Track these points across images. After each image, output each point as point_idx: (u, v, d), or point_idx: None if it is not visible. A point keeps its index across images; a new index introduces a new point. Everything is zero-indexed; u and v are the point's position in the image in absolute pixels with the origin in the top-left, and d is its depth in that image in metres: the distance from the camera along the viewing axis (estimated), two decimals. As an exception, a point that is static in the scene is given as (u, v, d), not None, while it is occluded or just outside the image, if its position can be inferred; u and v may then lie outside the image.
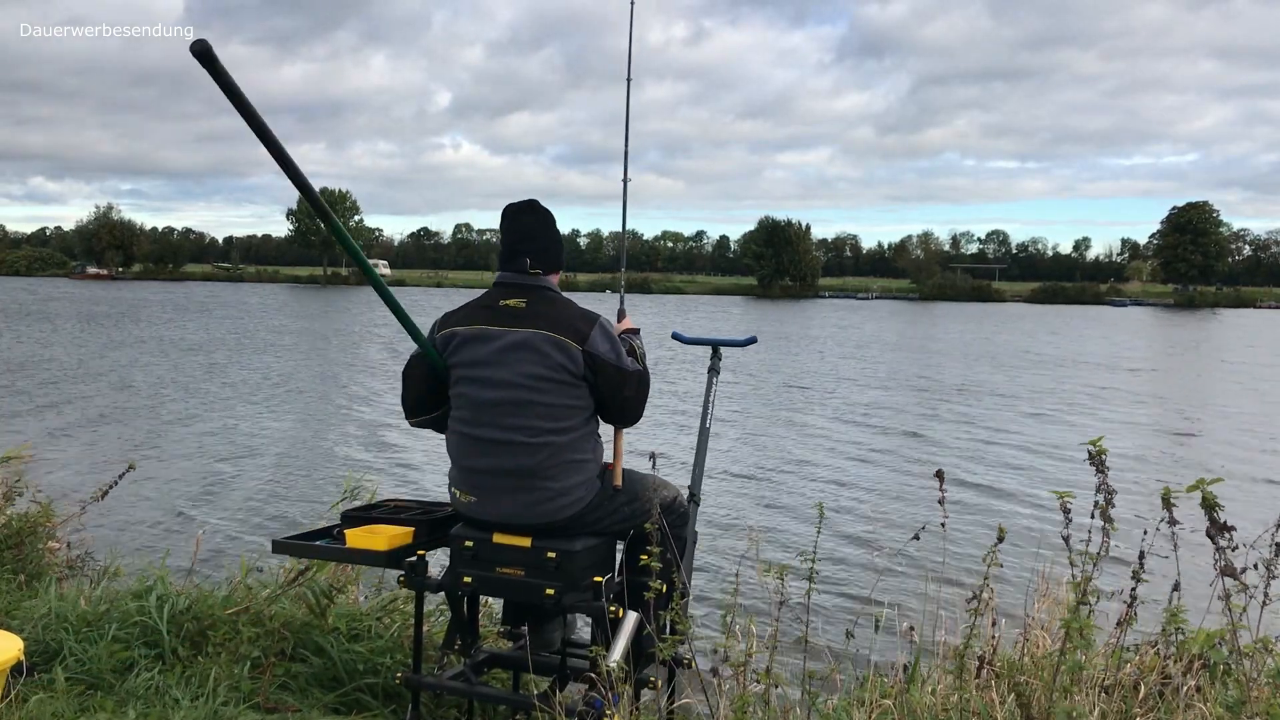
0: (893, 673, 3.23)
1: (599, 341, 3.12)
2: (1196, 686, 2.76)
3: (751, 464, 14.01)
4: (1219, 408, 22.03)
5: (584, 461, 3.17)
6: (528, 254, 3.22)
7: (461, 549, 3.20)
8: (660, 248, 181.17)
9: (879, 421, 18.68)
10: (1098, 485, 2.50)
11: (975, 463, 14.31)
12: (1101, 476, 2.50)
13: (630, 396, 3.18)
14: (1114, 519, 2.52)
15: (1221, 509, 2.47)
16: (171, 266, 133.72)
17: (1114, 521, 2.50)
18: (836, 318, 66.72)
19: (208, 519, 10.18)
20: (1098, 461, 2.51)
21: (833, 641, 3.40)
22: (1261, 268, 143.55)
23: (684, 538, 3.41)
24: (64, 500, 6.18)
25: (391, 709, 3.72)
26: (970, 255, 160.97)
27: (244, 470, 12.97)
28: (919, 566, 7.63)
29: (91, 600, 4.13)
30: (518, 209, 3.31)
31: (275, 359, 29.11)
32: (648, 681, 3.22)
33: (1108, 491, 2.48)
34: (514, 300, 3.18)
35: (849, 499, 11.89)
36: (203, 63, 2.34)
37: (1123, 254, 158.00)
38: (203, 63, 2.34)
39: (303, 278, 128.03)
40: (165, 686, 3.52)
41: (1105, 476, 2.50)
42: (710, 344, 3.97)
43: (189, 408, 18.64)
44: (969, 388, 24.90)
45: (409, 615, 4.10)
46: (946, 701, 2.74)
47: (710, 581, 7.56)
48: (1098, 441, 2.53)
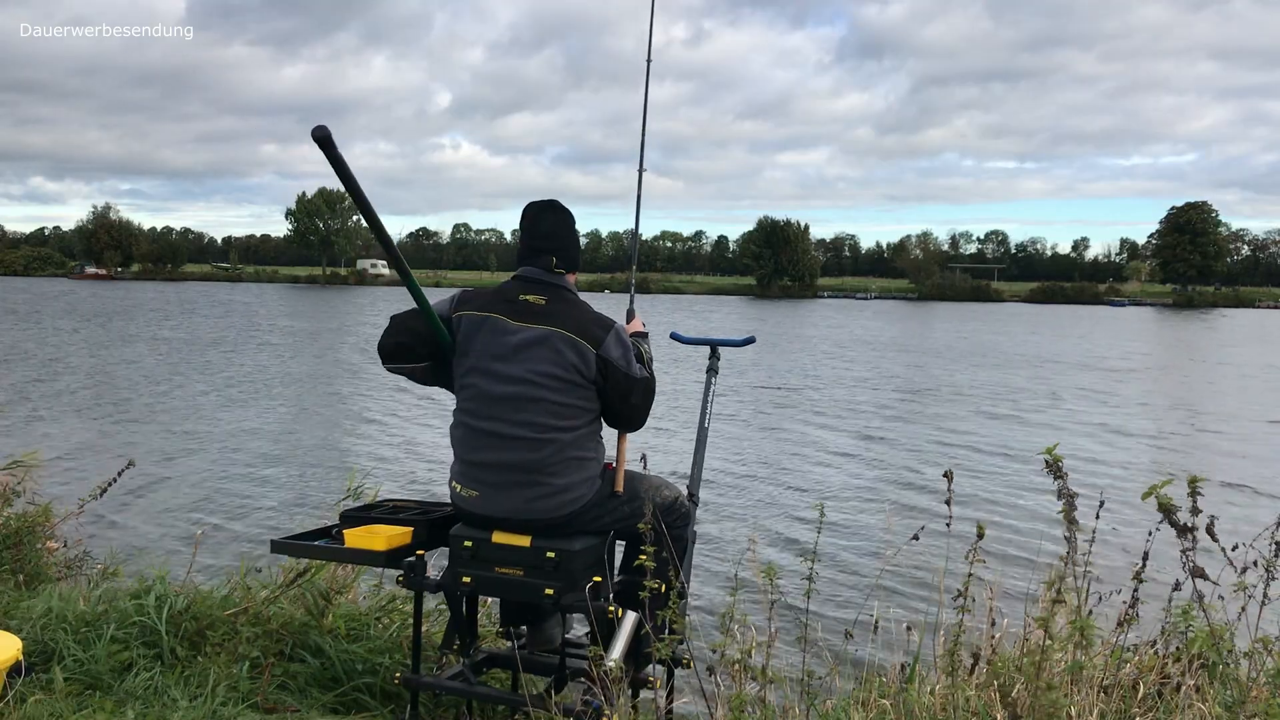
0: (891, 673, 3.23)
1: (612, 347, 3.13)
2: (1195, 686, 2.76)
3: (750, 463, 14.00)
4: (1215, 407, 22.04)
5: (587, 460, 3.17)
6: (552, 252, 3.24)
7: (460, 549, 3.20)
8: (659, 248, 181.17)
9: (878, 421, 18.67)
10: (1058, 490, 2.53)
11: (975, 462, 14.31)
12: (1061, 482, 2.54)
13: (636, 404, 3.20)
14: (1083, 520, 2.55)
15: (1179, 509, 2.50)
16: (170, 266, 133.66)
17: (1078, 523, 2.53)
18: (836, 318, 66.73)
19: (206, 519, 10.17)
20: (1055, 469, 2.55)
21: (831, 642, 3.40)
22: (1260, 268, 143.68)
23: (684, 538, 3.41)
24: (62, 498, 6.17)
25: (390, 709, 3.71)
26: (969, 255, 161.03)
27: (243, 470, 12.97)
28: (918, 566, 7.63)
29: (90, 600, 4.13)
30: (540, 207, 3.32)
31: (275, 358, 29.11)
32: (646, 681, 3.22)
33: (1069, 495, 2.53)
34: (534, 296, 3.19)
35: (848, 499, 11.88)
36: (321, 147, 2.57)
37: (1121, 254, 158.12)
38: (321, 147, 2.57)
39: (301, 278, 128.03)
40: (164, 687, 3.52)
41: (1065, 482, 2.54)
42: (709, 344, 3.97)
43: (188, 407, 18.63)
44: (967, 387, 24.91)
45: (408, 615, 4.09)
46: (945, 701, 2.73)
47: (709, 581, 7.56)
48: (1053, 450, 2.57)
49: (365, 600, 4.47)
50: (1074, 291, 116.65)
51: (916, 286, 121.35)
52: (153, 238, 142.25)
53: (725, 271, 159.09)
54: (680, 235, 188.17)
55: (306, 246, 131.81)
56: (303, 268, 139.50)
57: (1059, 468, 2.55)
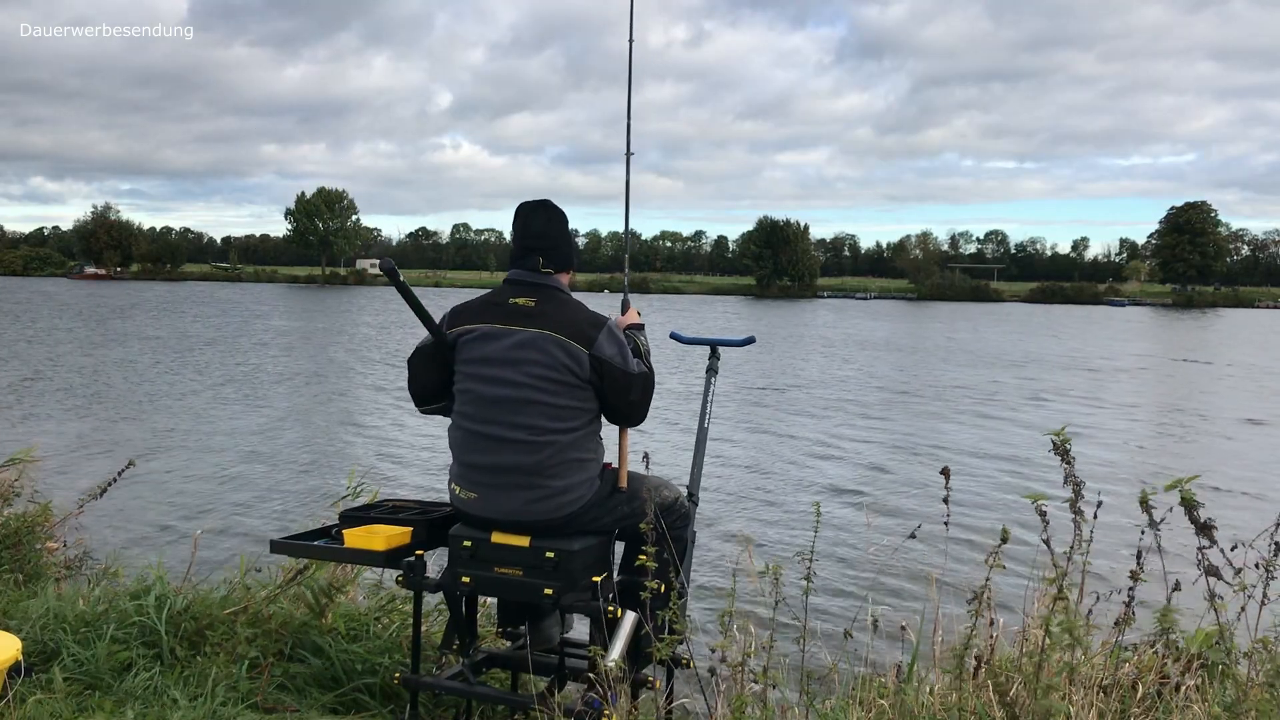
0: (890, 673, 3.23)
1: (606, 346, 3.11)
2: (1195, 686, 2.76)
3: (749, 463, 14.00)
4: (1196, 406, 22.04)
5: (586, 461, 3.17)
6: (540, 252, 3.22)
7: (460, 549, 3.20)
8: (659, 248, 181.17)
9: (877, 421, 18.67)
10: (1065, 476, 2.50)
11: (974, 462, 14.31)
12: (1068, 467, 2.50)
13: (636, 400, 3.18)
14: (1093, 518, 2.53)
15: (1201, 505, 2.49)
16: (170, 266, 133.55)
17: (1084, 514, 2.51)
18: (835, 318, 66.70)
19: (206, 518, 10.16)
20: (1062, 451, 2.52)
21: (830, 642, 3.40)
22: (1259, 267, 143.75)
23: (684, 539, 3.41)
24: (61, 497, 6.17)
25: (390, 709, 3.71)
26: (969, 255, 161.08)
27: (242, 470, 12.96)
28: (917, 566, 7.63)
29: (90, 600, 4.13)
30: (531, 208, 3.31)
31: (274, 358, 29.08)
32: (646, 681, 3.22)
33: (1076, 481, 2.49)
34: (524, 299, 3.18)
35: (847, 498, 11.88)
36: (390, 278, 3.02)
37: (1121, 254, 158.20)
38: (390, 278, 3.02)
39: (300, 277, 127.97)
40: (163, 687, 3.52)
41: (1071, 467, 2.51)
42: (708, 344, 3.97)
43: (187, 406, 18.62)
44: (962, 388, 24.91)
45: (407, 615, 4.09)
46: (944, 701, 2.73)
47: (708, 581, 7.56)
48: (1061, 432, 2.54)
49: (365, 600, 4.46)
50: (1073, 291, 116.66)
51: (916, 287, 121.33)
52: (152, 238, 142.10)
53: (725, 271, 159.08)
54: (680, 235, 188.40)
55: (306, 246, 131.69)
56: (302, 268, 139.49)
57: (1066, 451, 2.52)
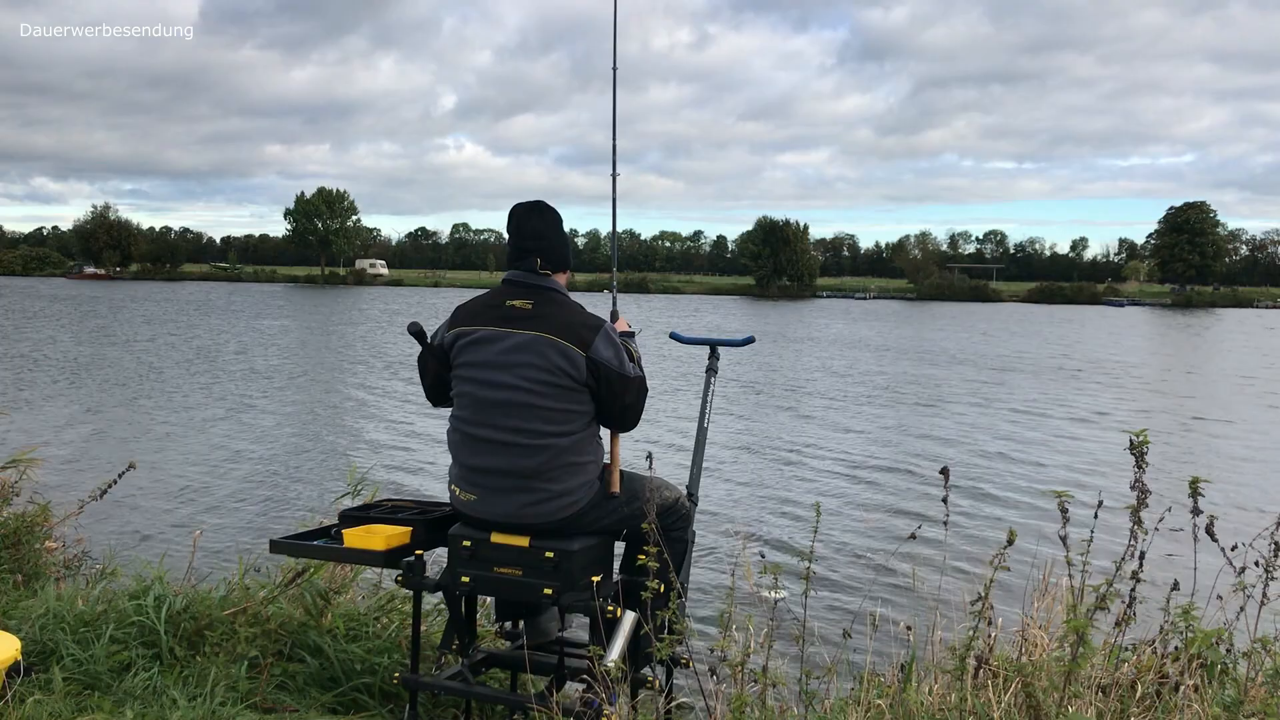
0: (889, 673, 3.23)
1: (602, 348, 3.11)
2: (1194, 686, 2.76)
3: (749, 462, 14.00)
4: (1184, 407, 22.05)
5: (584, 463, 3.17)
6: (536, 253, 3.22)
7: (459, 549, 3.20)
8: (658, 247, 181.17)
9: (877, 421, 18.68)
10: (1132, 481, 2.44)
11: (974, 461, 14.31)
12: (1138, 471, 2.44)
13: (630, 403, 3.18)
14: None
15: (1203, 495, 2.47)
16: (169, 266, 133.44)
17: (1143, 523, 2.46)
18: (833, 318, 66.72)
19: (205, 518, 10.16)
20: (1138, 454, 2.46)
21: (830, 641, 3.40)
22: (1258, 268, 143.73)
23: (684, 539, 3.41)
24: (61, 496, 6.16)
25: (389, 709, 3.71)
26: (968, 255, 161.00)
27: (242, 469, 12.96)
28: (916, 566, 7.64)
29: (89, 600, 4.13)
30: (525, 209, 3.30)
31: (272, 358, 29.08)
32: (645, 681, 3.21)
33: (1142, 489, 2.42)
34: (520, 301, 3.18)
35: (846, 498, 11.88)
36: (418, 340, 3.24)
37: (1120, 254, 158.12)
38: (418, 340, 3.24)
39: (300, 277, 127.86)
40: (163, 687, 3.52)
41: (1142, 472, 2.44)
42: (708, 344, 3.97)
43: (187, 406, 18.61)
44: (960, 386, 24.91)
45: (407, 615, 4.09)
46: (943, 701, 2.73)
47: (708, 581, 7.56)
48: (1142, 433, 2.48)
49: (364, 600, 4.46)
50: (1073, 291, 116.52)
51: (915, 286, 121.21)
52: (151, 237, 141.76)
53: (724, 271, 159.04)
54: (679, 235, 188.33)
55: (305, 246, 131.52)
56: (301, 268, 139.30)
57: (1142, 454, 2.45)
